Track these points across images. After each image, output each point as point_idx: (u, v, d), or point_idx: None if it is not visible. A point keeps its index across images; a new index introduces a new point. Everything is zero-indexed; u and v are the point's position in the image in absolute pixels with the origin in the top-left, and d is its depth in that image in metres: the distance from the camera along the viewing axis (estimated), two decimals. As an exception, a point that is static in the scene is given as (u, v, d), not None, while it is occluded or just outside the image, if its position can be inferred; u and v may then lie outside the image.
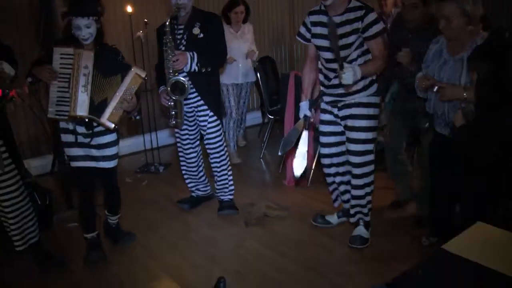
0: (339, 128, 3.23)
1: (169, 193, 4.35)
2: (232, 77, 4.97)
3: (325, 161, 3.36)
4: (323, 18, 3.00)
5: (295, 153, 3.30)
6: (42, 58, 2.98)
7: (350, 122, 3.10)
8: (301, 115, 3.26)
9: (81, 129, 2.97)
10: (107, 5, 4.86)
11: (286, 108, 4.38)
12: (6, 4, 4.54)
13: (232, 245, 3.43)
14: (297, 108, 4.30)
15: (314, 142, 4.34)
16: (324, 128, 3.29)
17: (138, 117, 3.18)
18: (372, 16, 2.88)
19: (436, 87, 2.66)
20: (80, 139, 2.99)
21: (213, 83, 3.68)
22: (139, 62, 4.59)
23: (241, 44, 4.93)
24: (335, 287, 2.84)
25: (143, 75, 2.95)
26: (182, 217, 3.88)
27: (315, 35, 3.09)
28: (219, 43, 3.54)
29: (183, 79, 3.36)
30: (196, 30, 3.43)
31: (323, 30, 3.00)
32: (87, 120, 2.92)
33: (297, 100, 4.30)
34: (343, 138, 3.22)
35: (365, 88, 3.06)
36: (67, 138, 3.01)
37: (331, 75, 3.07)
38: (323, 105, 3.26)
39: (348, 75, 2.72)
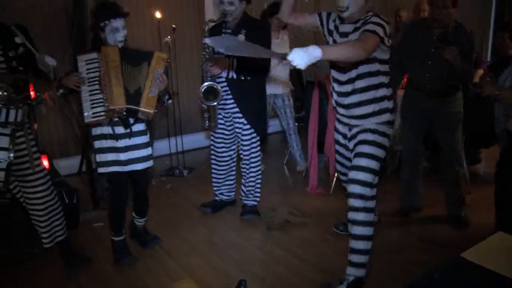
0: (349, 154, 3.02)
1: (193, 196, 4.41)
2: (275, 87, 4.75)
3: (342, 177, 3.31)
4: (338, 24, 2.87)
5: (317, 162, 3.29)
6: (69, 73, 3.05)
7: (356, 148, 2.83)
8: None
9: (119, 130, 3.04)
10: (137, 11, 5.06)
11: (310, 115, 4.40)
12: (41, 11, 4.68)
13: (253, 249, 3.46)
14: (321, 116, 4.33)
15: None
16: (338, 147, 3.15)
17: (170, 101, 3.22)
18: (375, 18, 2.62)
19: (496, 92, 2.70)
20: (116, 143, 3.06)
21: (253, 92, 3.65)
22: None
23: (282, 51, 4.77)
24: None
25: (165, 56, 3.05)
26: (205, 221, 3.94)
27: (329, 31, 2.92)
28: None
29: (216, 85, 3.42)
30: (241, 37, 3.43)
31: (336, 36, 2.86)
32: (125, 114, 3.00)
33: (321, 108, 4.33)
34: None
35: (375, 113, 2.80)
36: (102, 144, 3.07)
37: (342, 100, 2.87)
38: (337, 125, 3.08)
39: (295, 56, 2.08)
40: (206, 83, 3.43)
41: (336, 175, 4.33)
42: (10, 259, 3.31)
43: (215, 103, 3.53)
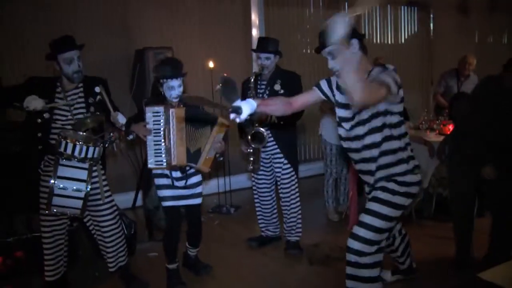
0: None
1: (239, 232, 4.71)
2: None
3: None
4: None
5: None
6: (135, 116, 3.43)
7: (367, 205, 2.78)
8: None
9: (176, 174, 3.40)
10: (192, 61, 5.53)
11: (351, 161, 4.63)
12: (106, 64, 5.18)
13: (297, 281, 3.69)
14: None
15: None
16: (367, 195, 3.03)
17: (221, 159, 3.53)
18: (378, 70, 2.60)
19: None
20: (174, 182, 3.41)
21: (290, 135, 4.05)
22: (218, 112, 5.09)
23: None
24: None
25: (227, 123, 3.35)
26: (251, 254, 4.21)
27: (337, 104, 2.87)
28: None
29: (262, 129, 3.75)
30: (277, 87, 3.84)
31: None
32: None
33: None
34: None
35: (392, 175, 2.71)
36: (161, 181, 3.43)
37: (354, 155, 2.85)
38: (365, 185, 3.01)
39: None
40: (254, 129, 3.75)
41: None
42: (78, 282, 3.66)
43: (261, 146, 3.87)
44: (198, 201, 3.53)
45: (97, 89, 3.30)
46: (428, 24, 8.05)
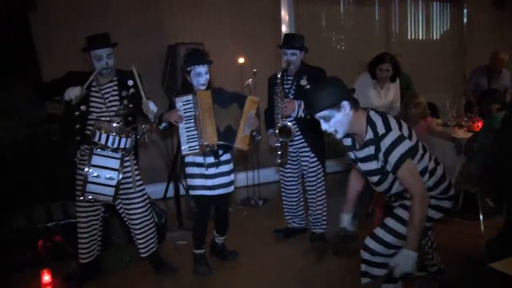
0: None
1: (266, 224, 4.82)
2: None
3: None
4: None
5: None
6: (167, 112, 3.59)
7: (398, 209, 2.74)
8: (341, 226, 3.05)
9: (209, 160, 3.54)
10: (223, 57, 5.68)
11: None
12: (139, 57, 5.33)
13: (321, 271, 3.80)
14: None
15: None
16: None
17: (259, 137, 3.70)
18: (388, 140, 2.46)
19: None
20: (205, 171, 3.56)
21: (317, 130, 4.10)
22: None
23: (382, 101, 4.81)
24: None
25: (257, 99, 3.54)
26: (277, 244, 4.34)
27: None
28: None
29: (290, 124, 3.85)
30: (303, 82, 3.95)
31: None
32: (216, 148, 3.50)
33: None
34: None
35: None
36: (193, 170, 3.59)
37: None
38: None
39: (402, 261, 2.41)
40: (282, 123, 3.86)
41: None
42: (112, 266, 3.87)
43: (289, 140, 3.97)
44: (229, 189, 3.68)
45: (130, 82, 3.46)
46: (461, 20, 7.95)
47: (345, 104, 2.49)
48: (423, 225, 2.50)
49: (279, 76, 3.91)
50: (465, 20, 7.97)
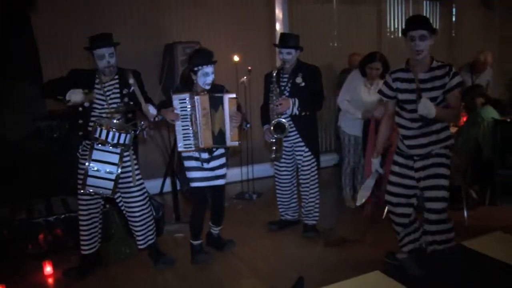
0: (407, 181, 3.37)
1: (260, 216, 4.99)
2: (357, 129, 5.03)
3: (391, 208, 3.54)
4: (404, 75, 3.29)
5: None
6: (164, 101, 3.77)
7: (428, 171, 3.24)
8: (373, 170, 3.59)
9: (204, 155, 3.72)
10: (218, 55, 5.78)
11: (366, 151, 4.84)
12: (137, 55, 5.51)
13: (312, 261, 3.93)
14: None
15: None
16: (393, 178, 3.44)
17: (248, 126, 3.85)
18: (453, 70, 3.16)
19: None
20: (201, 164, 3.72)
21: (311, 124, 4.30)
22: (242, 103, 5.34)
23: (371, 98, 4.90)
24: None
25: (235, 96, 3.67)
26: (271, 236, 4.49)
27: (399, 90, 3.32)
28: (317, 92, 4.16)
29: (284, 120, 4.00)
30: (299, 80, 4.09)
31: (405, 85, 3.26)
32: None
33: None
34: (410, 191, 3.39)
35: (440, 141, 3.23)
36: (190, 163, 3.75)
37: (414, 125, 3.24)
38: (395, 157, 3.46)
39: (423, 106, 3.01)
40: (276, 119, 4.03)
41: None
42: (112, 258, 4.01)
43: (283, 136, 4.12)
44: (222, 182, 3.84)
45: (131, 81, 3.60)
46: (450, 18, 8.14)
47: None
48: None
49: (274, 74, 4.05)
50: (454, 18, 8.15)
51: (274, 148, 4.17)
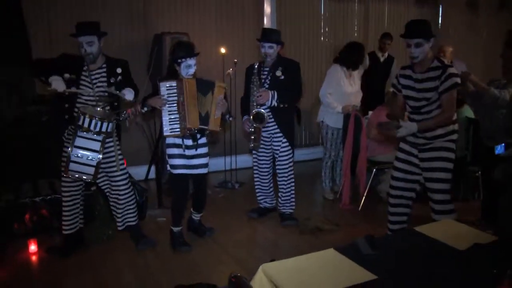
0: (410, 168, 3.61)
1: (242, 205, 5.16)
2: (338, 122, 5.15)
3: (393, 192, 3.75)
4: (407, 72, 3.54)
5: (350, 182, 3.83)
6: (150, 95, 3.88)
7: (431, 164, 3.46)
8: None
9: (188, 142, 3.86)
10: (205, 47, 5.95)
11: (345, 143, 5.02)
12: (126, 45, 5.71)
13: (288, 247, 4.12)
14: (355, 146, 4.96)
15: (367, 173, 4.99)
16: (397, 164, 3.68)
17: (231, 118, 4.07)
18: (448, 71, 3.29)
19: None
20: (184, 152, 3.86)
21: (289, 116, 4.49)
22: (228, 94, 5.49)
23: (353, 90, 5.13)
24: None
25: (224, 85, 3.87)
26: (251, 223, 4.67)
27: (403, 86, 3.58)
28: (296, 85, 4.35)
29: (263, 111, 4.18)
30: (278, 73, 4.26)
31: (407, 82, 3.52)
32: (196, 131, 3.82)
33: (356, 139, 4.93)
34: (412, 177, 3.63)
35: (444, 135, 3.43)
36: (173, 151, 3.88)
37: (418, 117, 3.49)
38: (401, 144, 3.68)
39: (402, 131, 3.35)
40: (256, 109, 4.20)
41: (365, 193, 4.97)
42: (94, 238, 4.15)
43: (262, 126, 4.28)
44: (204, 170, 3.99)
45: (119, 70, 3.72)
46: (436, 19, 8.31)
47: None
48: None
49: (256, 66, 4.21)
50: (440, 19, 8.33)
51: (253, 137, 4.32)
